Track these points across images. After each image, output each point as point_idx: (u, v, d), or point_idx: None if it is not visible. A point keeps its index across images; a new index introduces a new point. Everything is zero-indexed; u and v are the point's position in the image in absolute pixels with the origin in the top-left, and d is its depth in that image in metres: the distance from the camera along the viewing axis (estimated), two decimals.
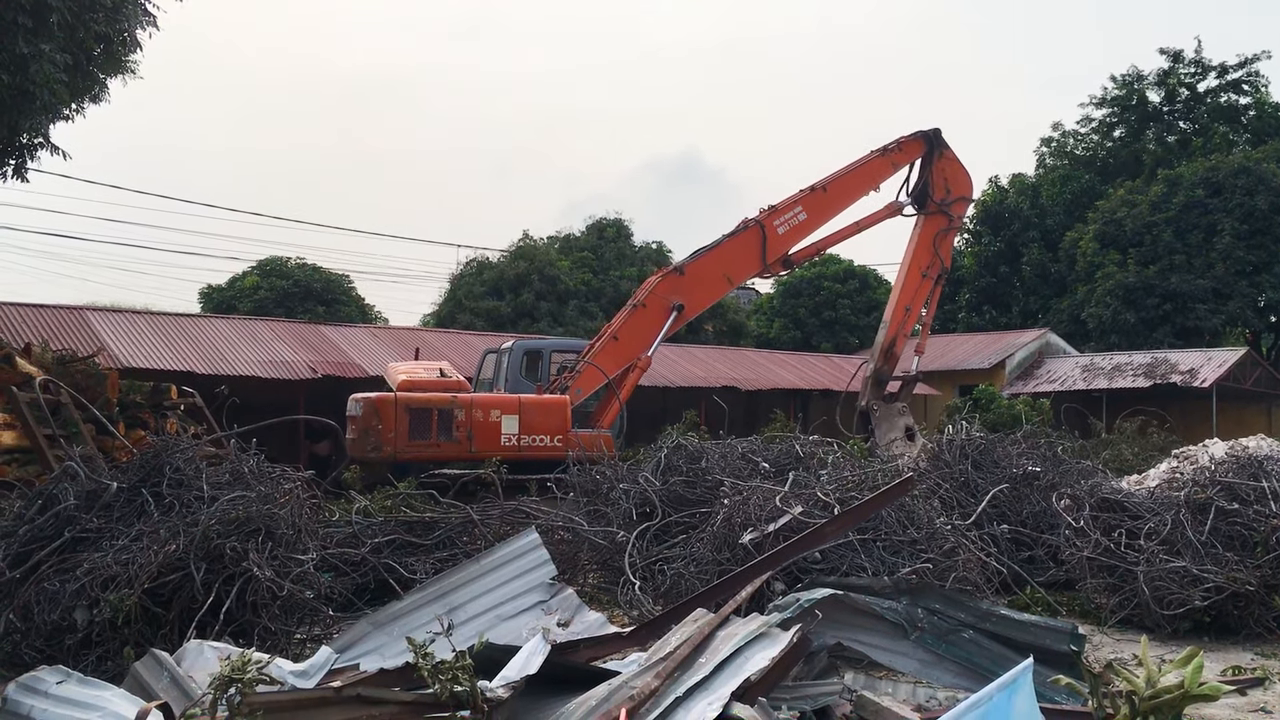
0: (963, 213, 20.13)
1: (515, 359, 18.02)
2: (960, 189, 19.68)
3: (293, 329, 26.08)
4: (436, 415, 15.47)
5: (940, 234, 19.27)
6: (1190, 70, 46.52)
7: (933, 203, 19.27)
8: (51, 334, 20.02)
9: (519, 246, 38.17)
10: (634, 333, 17.09)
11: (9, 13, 11.43)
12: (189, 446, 8.49)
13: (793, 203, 18.04)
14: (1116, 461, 17.05)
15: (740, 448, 11.47)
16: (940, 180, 19.30)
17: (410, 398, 15.57)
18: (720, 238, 17.77)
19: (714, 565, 8.09)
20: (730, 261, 17.69)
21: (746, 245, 17.72)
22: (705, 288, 17.69)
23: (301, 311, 34.95)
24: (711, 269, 17.56)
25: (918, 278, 19.23)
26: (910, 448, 15.58)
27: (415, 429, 15.29)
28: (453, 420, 15.47)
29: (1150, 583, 8.44)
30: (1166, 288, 38.33)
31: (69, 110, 14.33)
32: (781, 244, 17.85)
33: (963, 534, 8.83)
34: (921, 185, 19.37)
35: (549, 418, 15.94)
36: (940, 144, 19.37)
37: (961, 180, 19.65)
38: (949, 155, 19.44)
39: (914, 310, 19.31)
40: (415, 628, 6.46)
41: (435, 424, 15.39)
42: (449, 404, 15.56)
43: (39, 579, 7.19)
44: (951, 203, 19.48)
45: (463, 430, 15.51)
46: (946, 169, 19.39)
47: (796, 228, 17.99)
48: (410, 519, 9.61)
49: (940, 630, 5.84)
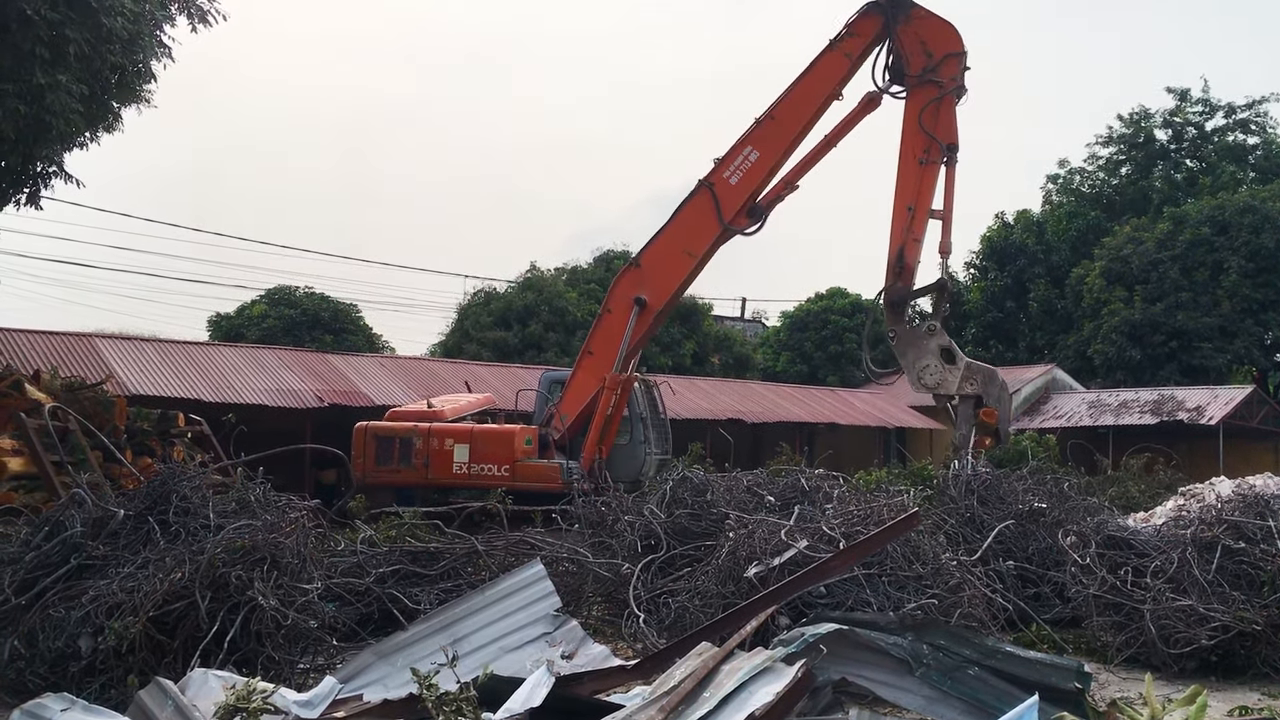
0: (955, 72, 15.56)
1: (543, 389, 18.11)
2: (943, 45, 15.66)
3: (300, 358, 26.15)
4: (398, 443, 16.67)
5: (930, 106, 15.29)
6: (1198, 109, 46.73)
7: (912, 76, 15.66)
8: (60, 361, 20.08)
9: (527, 277, 38.28)
10: (606, 342, 16.41)
11: (27, 44, 11.58)
12: (196, 474, 8.52)
13: (740, 144, 15.90)
14: (1123, 498, 16.96)
15: (746, 481, 11.45)
16: (915, 46, 15.69)
17: (377, 426, 17.09)
18: (672, 213, 16.22)
19: (719, 599, 8.07)
20: (686, 235, 16.04)
21: (699, 211, 15.95)
22: (666, 272, 16.17)
23: (309, 340, 35.03)
24: (669, 250, 16.16)
25: (913, 167, 15.36)
26: (950, 373, 13.75)
27: (380, 456, 16.64)
28: (412, 448, 16.53)
29: (1156, 621, 8.40)
30: (1172, 325, 38.32)
31: (84, 139, 14.47)
32: (737, 195, 15.78)
33: (968, 570, 8.80)
34: (895, 60, 15.90)
35: (497, 447, 16.50)
36: (901, 6, 15.78)
37: (942, 36, 15.71)
38: (918, 13, 15.80)
39: (920, 207, 15.31)
40: (420, 658, 6.45)
41: (397, 452, 16.57)
42: (410, 433, 16.72)
43: (44, 606, 7.22)
44: (937, 65, 15.54)
45: (420, 458, 16.52)
46: (920, 30, 15.74)
47: (750, 171, 15.78)
48: (415, 549, 9.61)
49: (945, 666, 5.82)
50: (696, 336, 37.94)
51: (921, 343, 14.63)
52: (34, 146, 13.10)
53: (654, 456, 17.00)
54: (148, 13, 13.23)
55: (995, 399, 14.04)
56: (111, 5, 12.27)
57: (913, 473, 17.51)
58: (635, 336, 16.17)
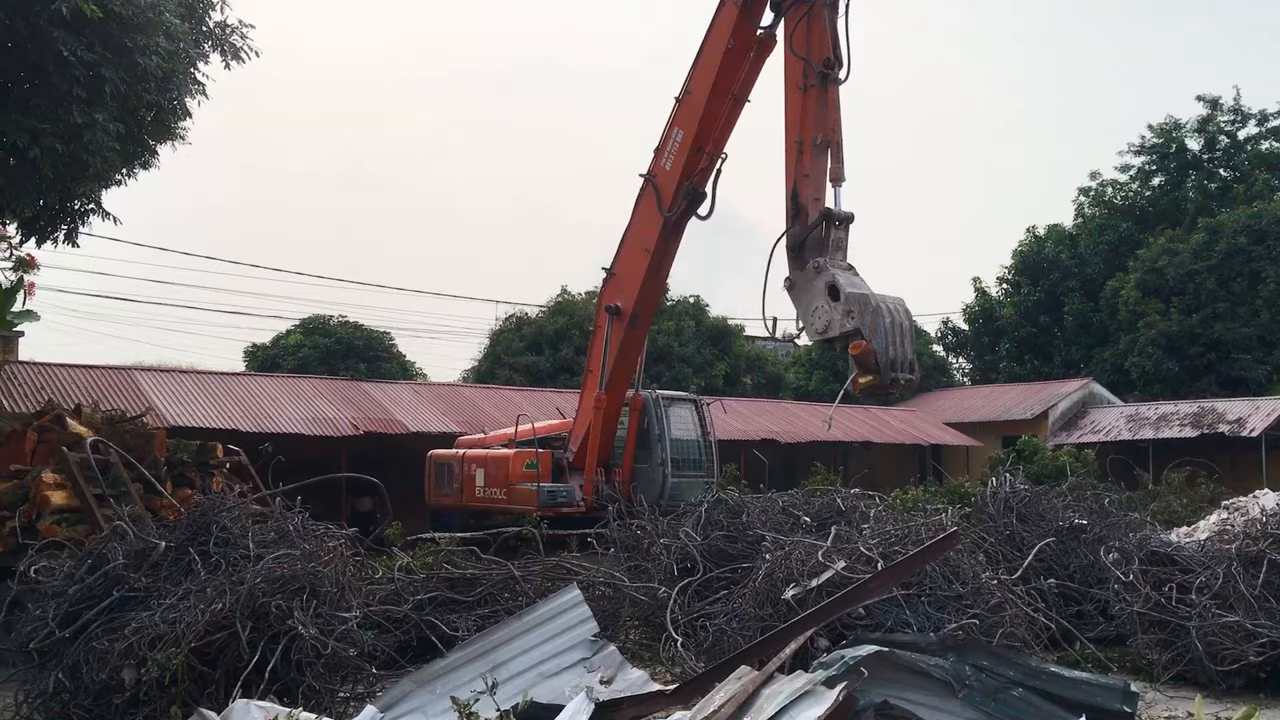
0: None
1: None
2: None
3: (335, 386, 26.34)
4: (447, 470, 17.84)
5: (799, 27, 12.65)
6: (1229, 118, 46.30)
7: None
8: (101, 394, 20.34)
9: (558, 302, 38.42)
10: (597, 358, 16.07)
11: (64, 84, 11.79)
12: (235, 505, 8.59)
13: (668, 129, 14.96)
14: (1165, 513, 16.76)
15: (781, 501, 11.40)
16: None
17: (436, 454, 18.21)
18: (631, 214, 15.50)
19: (756, 621, 8.04)
20: (639, 232, 15.38)
21: (646, 205, 15.24)
22: (631, 274, 15.50)
23: (343, 368, 35.31)
24: (630, 251, 15.53)
25: (796, 97, 12.70)
26: (835, 310, 11.09)
27: (437, 481, 18.03)
28: (453, 474, 17.62)
29: (1203, 638, 8.28)
30: (1210, 336, 37.88)
31: (120, 177, 14.69)
32: (672, 180, 14.84)
33: (1009, 589, 8.72)
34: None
35: (498, 471, 16.87)
36: None
37: None
38: None
39: (807, 138, 12.38)
40: (459, 686, 6.48)
41: (447, 477, 17.77)
42: (453, 460, 17.78)
43: (88, 638, 7.29)
44: None
45: (457, 482, 17.50)
46: None
47: (679, 152, 14.79)
48: (452, 575, 9.64)
49: (989, 688, 5.76)
50: (729, 358, 37.89)
51: (811, 284, 11.90)
52: (72, 185, 13.31)
53: (673, 479, 16.42)
54: (182, 51, 13.43)
55: (869, 328, 10.92)
56: (147, 45, 12.47)
57: (950, 490, 17.39)
58: (615, 346, 15.62)
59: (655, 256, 15.22)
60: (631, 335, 15.63)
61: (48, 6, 11.28)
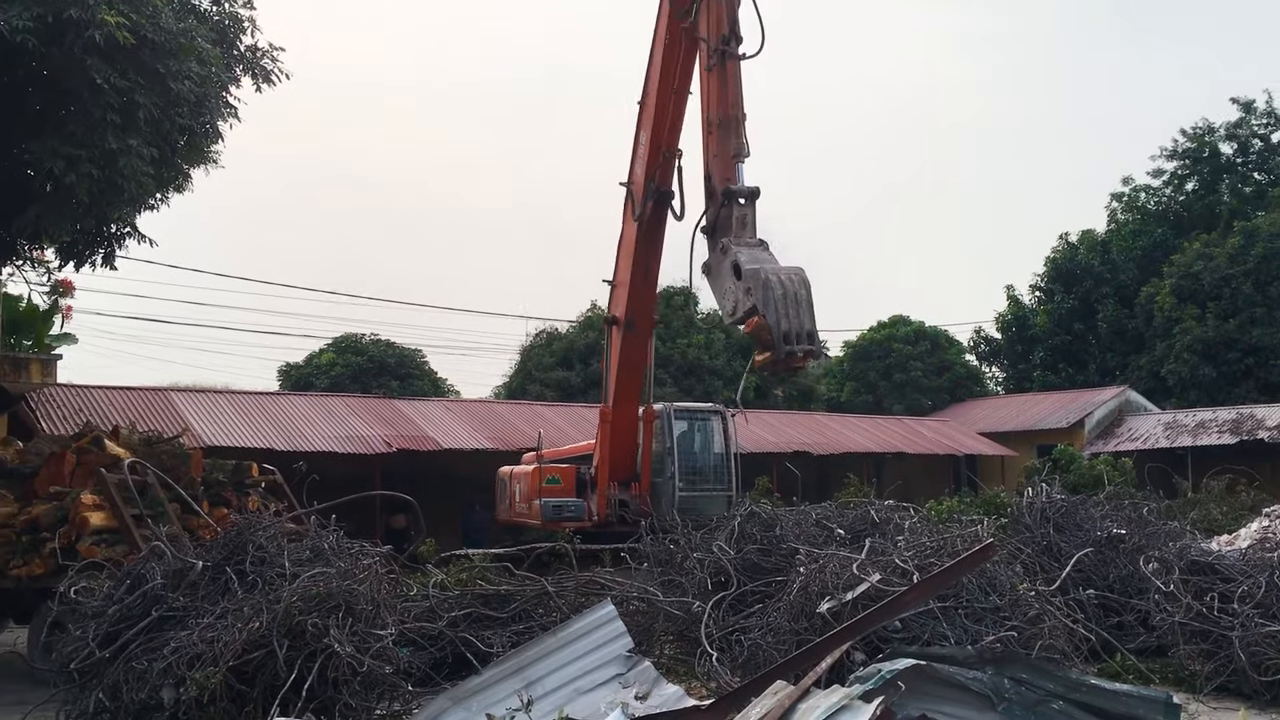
0: None
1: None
2: None
3: (368, 404, 26.52)
4: (501, 485, 19.28)
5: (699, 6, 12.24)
6: (1263, 121, 45.83)
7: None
8: (138, 415, 20.58)
9: (587, 317, 38.51)
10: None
11: (98, 111, 11.96)
12: (271, 524, 8.66)
13: (634, 140, 15.18)
14: (1205, 522, 16.52)
15: (814, 514, 11.36)
16: None
17: (501, 470, 19.51)
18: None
19: (792, 635, 8.00)
20: (625, 240, 15.71)
21: (626, 212, 15.58)
22: (624, 281, 15.70)
23: (376, 386, 35.56)
24: (621, 260, 15.86)
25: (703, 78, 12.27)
26: (740, 290, 10.52)
27: (498, 496, 19.38)
28: (505, 489, 18.97)
29: (1246, 648, 8.17)
30: (1248, 342, 37.43)
31: (155, 200, 14.89)
32: (640, 185, 14.97)
33: (1047, 600, 8.62)
34: None
35: (525, 487, 17.80)
36: None
37: None
38: None
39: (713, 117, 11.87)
40: (494, 702, 6.49)
41: (502, 493, 19.15)
42: (507, 476, 19.02)
43: (128, 658, 7.36)
44: None
45: (505, 499, 18.96)
46: None
47: (644, 157, 14.85)
48: (486, 592, 9.66)
49: (1028, 701, 5.70)
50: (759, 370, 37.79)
51: (721, 267, 11.27)
52: (108, 209, 13.49)
53: (684, 493, 16.38)
54: (214, 75, 13.61)
55: (761, 302, 10.22)
56: (179, 70, 12.64)
57: (985, 501, 17.20)
58: (616, 356, 15.70)
59: (639, 261, 15.39)
60: (631, 342, 15.62)
61: (82, 34, 11.45)
